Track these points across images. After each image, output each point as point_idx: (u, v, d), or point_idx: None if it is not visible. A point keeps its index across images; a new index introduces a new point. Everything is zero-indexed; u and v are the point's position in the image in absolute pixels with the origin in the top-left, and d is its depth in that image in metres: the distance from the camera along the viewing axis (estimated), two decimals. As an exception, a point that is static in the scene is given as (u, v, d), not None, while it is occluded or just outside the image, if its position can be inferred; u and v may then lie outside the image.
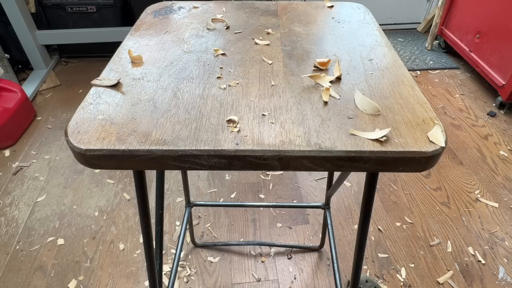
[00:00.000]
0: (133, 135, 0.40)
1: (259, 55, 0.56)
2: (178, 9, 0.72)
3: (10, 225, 1.29)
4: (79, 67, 2.25)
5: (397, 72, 0.51)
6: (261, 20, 0.68)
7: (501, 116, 1.81)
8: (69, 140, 0.39)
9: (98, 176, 1.48)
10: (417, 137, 0.39)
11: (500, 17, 1.80)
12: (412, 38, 2.54)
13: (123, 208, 1.35)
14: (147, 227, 0.56)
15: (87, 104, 0.45)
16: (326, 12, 0.72)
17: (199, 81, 0.50)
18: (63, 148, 1.62)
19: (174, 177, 1.48)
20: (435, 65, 2.22)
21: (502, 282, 1.12)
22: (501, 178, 1.47)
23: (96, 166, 0.40)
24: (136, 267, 1.16)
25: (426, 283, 1.12)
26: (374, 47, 0.58)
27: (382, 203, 1.37)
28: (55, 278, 1.13)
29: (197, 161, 0.39)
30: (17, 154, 1.60)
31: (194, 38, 0.61)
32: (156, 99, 0.46)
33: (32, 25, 2.02)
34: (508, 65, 1.75)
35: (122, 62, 0.54)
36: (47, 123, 1.78)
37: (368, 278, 1.08)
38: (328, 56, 0.56)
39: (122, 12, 2.09)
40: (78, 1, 2.01)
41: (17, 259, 1.18)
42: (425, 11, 2.63)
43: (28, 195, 1.40)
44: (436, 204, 1.37)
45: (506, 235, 1.25)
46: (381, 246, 1.22)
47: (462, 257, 1.19)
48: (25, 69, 2.16)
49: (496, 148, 1.62)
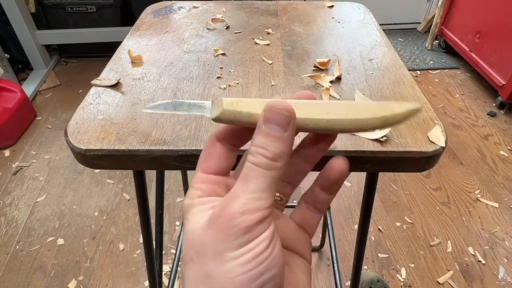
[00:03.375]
0: (133, 135, 0.40)
1: (259, 55, 0.56)
2: (178, 9, 0.72)
3: (10, 225, 1.29)
4: (79, 67, 2.25)
5: (397, 72, 0.51)
6: (261, 20, 0.68)
7: (501, 116, 1.81)
8: (69, 140, 0.39)
9: (98, 176, 1.48)
10: (417, 137, 0.39)
11: (500, 17, 1.79)
12: (412, 38, 2.54)
13: (123, 208, 1.35)
14: (147, 227, 0.56)
15: (87, 104, 0.45)
16: (326, 12, 0.72)
17: (199, 81, 0.50)
18: (63, 148, 1.62)
19: (174, 177, 1.48)
20: (435, 65, 2.22)
21: (502, 282, 1.12)
22: (501, 178, 1.47)
23: (96, 166, 0.40)
24: (136, 267, 1.16)
25: (426, 283, 1.12)
26: (374, 47, 0.58)
27: (382, 203, 1.37)
28: (55, 278, 1.13)
29: (197, 161, 0.39)
30: (17, 154, 1.60)
31: (194, 38, 0.61)
32: (156, 99, 0.46)
33: (32, 25, 2.02)
34: (508, 65, 1.75)
35: (122, 62, 0.54)
36: (47, 123, 1.78)
37: (380, 278, 1.08)
38: (328, 56, 0.56)
39: (122, 12, 2.09)
40: (78, 1, 2.01)
41: (17, 259, 1.18)
42: (425, 11, 2.63)
43: (28, 195, 1.40)
44: (436, 204, 1.37)
45: (506, 235, 1.25)
46: (381, 246, 1.22)
47: (462, 257, 1.19)
48: (25, 69, 2.16)
49: (496, 148, 1.61)
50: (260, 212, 0.20)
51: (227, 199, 0.20)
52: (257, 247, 0.19)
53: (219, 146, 0.24)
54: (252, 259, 0.19)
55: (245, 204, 0.20)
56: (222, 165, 0.24)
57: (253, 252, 0.19)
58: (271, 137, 0.21)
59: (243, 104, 0.22)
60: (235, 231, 0.19)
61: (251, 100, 0.23)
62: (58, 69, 2.23)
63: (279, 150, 0.20)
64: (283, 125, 0.21)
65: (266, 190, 0.20)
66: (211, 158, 0.24)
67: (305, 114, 0.23)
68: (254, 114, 0.22)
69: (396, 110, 0.23)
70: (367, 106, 0.24)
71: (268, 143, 0.20)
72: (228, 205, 0.20)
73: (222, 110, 0.22)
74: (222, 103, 0.23)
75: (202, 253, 0.20)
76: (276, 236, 0.21)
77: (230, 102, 0.22)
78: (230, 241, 0.19)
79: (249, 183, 0.20)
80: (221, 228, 0.20)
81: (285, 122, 0.21)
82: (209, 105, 0.24)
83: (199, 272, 0.20)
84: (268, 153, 0.20)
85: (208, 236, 0.20)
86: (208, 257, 0.20)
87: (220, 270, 0.19)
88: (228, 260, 0.19)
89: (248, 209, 0.19)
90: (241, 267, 0.19)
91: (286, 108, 0.21)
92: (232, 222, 0.19)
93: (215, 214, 0.20)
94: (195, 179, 0.24)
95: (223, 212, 0.20)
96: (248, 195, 0.20)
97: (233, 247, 0.19)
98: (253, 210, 0.19)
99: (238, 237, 0.19)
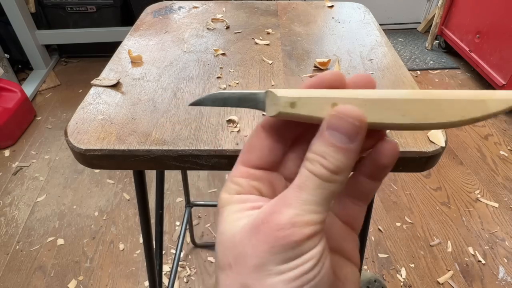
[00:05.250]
0: (133, 135, 0.40)
1: (259, 55, 0.56)
2: (178, 9, 0.72)
3: (10, 225, 1.29)
4: (79, 67, 2.25)
5: (397, 72, 0.51)
6: (261, 20, 0.68)
7: (501, 116, 1.81)
8: (69, 140, 0.39)
9: (98, 176, 1.48)
10: (417, 137, 0.39)
11: (500, 17, 1.79)
12: (412, 38, 2.54)
13: (123, 208, 1.35)
14: (147, 227, 0.56)
15: (87, 104, 0.45)
16: (326, 12, 0.72)
17: (199, 81, 0.50)
18: (63, 148, 1.62)
19: (174, 177, 1.48)
20: (435, 65, 2.22)
21: (502, 282, 1.12)
22: (501, 178, 1.47)
23: (96, 166, 0.40)
24: (136, 267, 1.16)
25: (426, 283, 1.12)
26: (374, 47, 0.58)
27: (382, 203, 1.37)
28: (55, 278, 1.13)
29: (197, 161, 0.39)
30: (17, 154, 1.60)
31: (194, 38, 0.61)
32: (156, 99, 0.46)
33: (32, 25, 2.02)
34: (508, 65, 1.75)
35: (122, 62, 0.54)
36: (47, 123, 1.78)
37: (377, 278, 1.08)
38: (328, 56, 0.56)
39: (122, 12, 2.09)
40: (78, 1, 2.01)
41: (17, 259, 1.18)
42: (425, 11, 2.63)
43: (28, 195, 1.40)
44: (436, 204, 1.37)
45: (506, 235, 1.25)
46: (381, 246, 1.22)
47: (462, 257, 1.19)
48: (25, 69, 2.16)
49: (496, 148, 1.61)
50: (313, 226, 0.18)
51: (276, 205, 0.18)
52: (305, 264, 0.17)
53: (263, 137, 0.22)
54: (298, 277, 0.17)
55: (297, 215, 0.18)
56: (266, 159, 0.22)
57: (300, 269, 0.17)
58: (334, 147, 0.18)
59: (303, 103, 0.19)
60: (283, 244, 0.17)
61: (311, 97, 0.19)
62: (58, 69, 2.23)
63: (341, 163, 0.18)
64: (350, 136, 0.18)
65: (321, 203, 0.18)
66: (253, 150, 0.22)
67: (377, 118, 0.19)
68: (316, 118, 0.19)
69: (492, 109, 0.19)
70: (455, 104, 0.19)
71: (330, 154, 0.18)
72: (278, 212, 0.18)
73: (278, 111, 0.20)
74: (278, 100, 0.19)
75: (242, 262, 0.18)
76: (326, 253, 0.19)
77: (287, 102, 0.19)
78: (275, 253, 0.17)
79: (304, 192, 0.18)
80: (266, 237, 0.18)
81: (353, 132, 0.18)
82: (263, 98, 0.21)
83: (237, 282, 0.18)
84: (330, 164, 0.18)
85: (250, 243, 0.18)
86: (248, 268, 0.18)
87: (261, 284, 0.17)
88: (271, 274, 0.17)
89: (300, 221, 0.17)
90: (285, 285, 0.17)
91: (358, 117, 0.18)
92: (280, 233, 0.17)
93: (260, 219, 0.18)
94: (234, 172, 0.22)
95: (270, 219, 0.18)
96: (302, 205, 0.18)
97: (279, 261, 0.17)
98: (305, 223, 0.18)
99: (285, 251, 0.17)
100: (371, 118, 0.19)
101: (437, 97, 0.19)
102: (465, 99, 0.19)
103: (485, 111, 0.19)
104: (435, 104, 0.19)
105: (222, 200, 0.21)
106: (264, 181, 0.22)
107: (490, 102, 0.19)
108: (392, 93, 0.19)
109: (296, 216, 0.18)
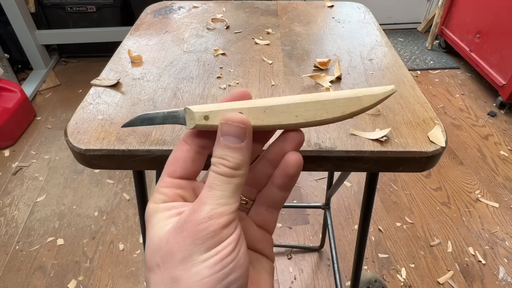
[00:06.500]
0: (133, 135, 0.40)
1: (259, 55, 0.56)
2: (178, 9, 0.72)
3: (9, 225, 1.29)
4: (78, 67, 2.25)
5: (398, 72, 0.51)
6: (261, 20, 0.68)
7: (501, 116, 1.81)
8: (68, 140, 0.39)
9: (98, 176, 1.48)
10: (418, 137, 0.39)
11: (500, 17, 1.79)
12: (412, 38, 2.54)
13: (123, 208, 1.35)
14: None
15: (87, 104, 0.45)
16: (326, 11, 0.72)
17: (199, 81, 0.50)
18: (63, 148, 1.62)
19: (174, 177, 1.48)
20: (435, 65, 2.22)
21: (502, 282, 1.12)
22: (501, 178, 1.47)
23: (96, 166, 0.39)
24: (136, 267, 1.16)
25: (427, 283, 1.12)
26: (374, 47, 0.58)
27: (382, 203, 1.37)
28: (54, 278, 1.13)
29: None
30: (16, 154, 1.60)
31: (194, 38, 0.61)
32: (156, 99, 0.46)
33: (32, 25, 2.02)
34: (508, 65, 1.75)
35: (122, 62, 0.54)
36: (46, 123, 1.78)
37: (377, 278, 1.08)
38: (328, 56, 0.56)
39: (121, 12, 2.09)
40: (78, 1, 2.01)
41: (17, 259, 1.18)
42: (425, 11, 2.63)
43: (28, 195, 1.40)
44: (437, 204, 1.37)
45: (507, 235, 1.25)
46: (381, 246, 1.22)
47: (462, 257, 1.18)
48: (25, 69, 2.16)
49: (497, 148, 1.61)
50: (226, 216, 0.21)
51: (194, 206, 0.21)
52: (224, 250, 0.20)
53: (186, 150, 0.25)
54: (219, 261, 0.20)
55: (212, 209, 0.21)
56: (189, 169, 0.25)
57: (220, 255, 0.20)
58: (229, 148, 0.22)
59: (214, 115, 0.23)
60: (203, 235, 0.20)
61: (221, 109, 0.23)
62: (58, 69, 2.23)
63: (238, 159, 0.22)
64: (239, 137, 0.22)
65: (230, 196, 0.21)
66: (177, 162, 0.25)
67: (275, 121, 0.23)
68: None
69: (366, 103, 0.23)
70: (336, 102, 0.23)
71: (228, 154, 0.22)
72: (196, 211, 0.21)
73: (195, 124, 0.23)
74: (194, 116, 0.23)
75: (169, 259, 0.20)
76: (242, 238, 0.22)
77: (201, 115, 0.23)
78: (198, 244, 0.20)
79: (214, 190, 0.21)
80: (189, 233, 0.20)
81: (241, 133, 0.22)
82: (182, 114, 0.24)
83: (166, 278, 0.20)
84: (229, 163, 0.22)
85: (175, 241, 0.20)
86: (175, 262, 0.20)
87: (188, 274, 0.20)
88: (196, 263, 0.20)
89: (215, 214, 0.20)
90: (209, 269, 0.20)
91: (241, 120, 0.22)
92: (200, 227, 0.20)
93: (183, 220, 0.21)
94: (160, 183, 0.24)
95: (191, 218, 0.21)
96: (215, 201, 0.21)
97: (201, 250, 0.20)
98: (220, 214, 0.21)
99: (206, 240, 0.20)
100: (271, 121, 0.23)
101: (322, 98, 0.23)
102: (344, 98, 0.23)
103: (361, 105, 0.23)
104: (321, 104, 0.23)
105: (150, 209, 0.23)
106: (188, 189, 0.25)
107: (364, 98, 0.23)
108: (287, 99, 0.23)
109: (212, 210, 0.21)
